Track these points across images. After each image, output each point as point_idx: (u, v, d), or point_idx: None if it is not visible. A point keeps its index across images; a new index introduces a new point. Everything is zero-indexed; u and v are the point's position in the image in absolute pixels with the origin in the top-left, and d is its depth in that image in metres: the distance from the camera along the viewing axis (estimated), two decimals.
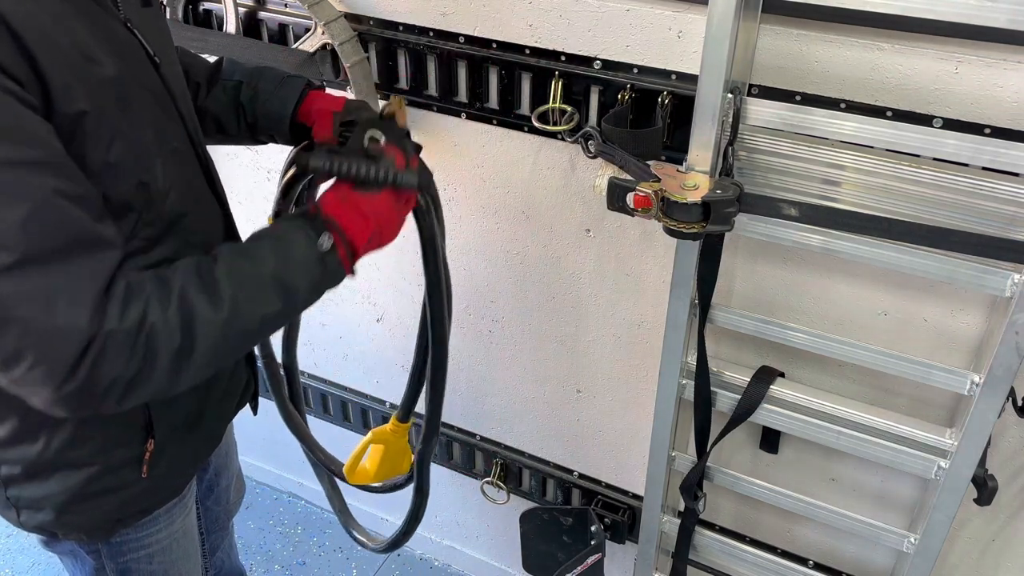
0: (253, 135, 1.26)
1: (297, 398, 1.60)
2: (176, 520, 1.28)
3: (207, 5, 1.71)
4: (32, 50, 0.81)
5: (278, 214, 1.35)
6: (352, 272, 1.05)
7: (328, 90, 1.38)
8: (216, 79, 1.25)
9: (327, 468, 1.55)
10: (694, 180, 1.23)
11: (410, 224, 1.17)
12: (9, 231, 0.79)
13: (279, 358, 1.52)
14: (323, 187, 1.09)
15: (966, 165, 1.17)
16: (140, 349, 0.86)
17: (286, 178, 1.27)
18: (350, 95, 1.54)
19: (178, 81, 1.11)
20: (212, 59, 1.29)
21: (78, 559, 1.23)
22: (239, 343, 0.97)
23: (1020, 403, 1.28)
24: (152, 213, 1.00)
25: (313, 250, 0.99)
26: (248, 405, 1.41)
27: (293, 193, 1.32)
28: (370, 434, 1.41)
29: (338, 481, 1.57)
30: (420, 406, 1.37)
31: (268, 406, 2.34)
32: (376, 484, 1.45)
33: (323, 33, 1.51)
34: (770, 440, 1.60)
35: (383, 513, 2.34)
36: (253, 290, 0.95)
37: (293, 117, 1.21)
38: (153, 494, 1.20)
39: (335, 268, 1.01)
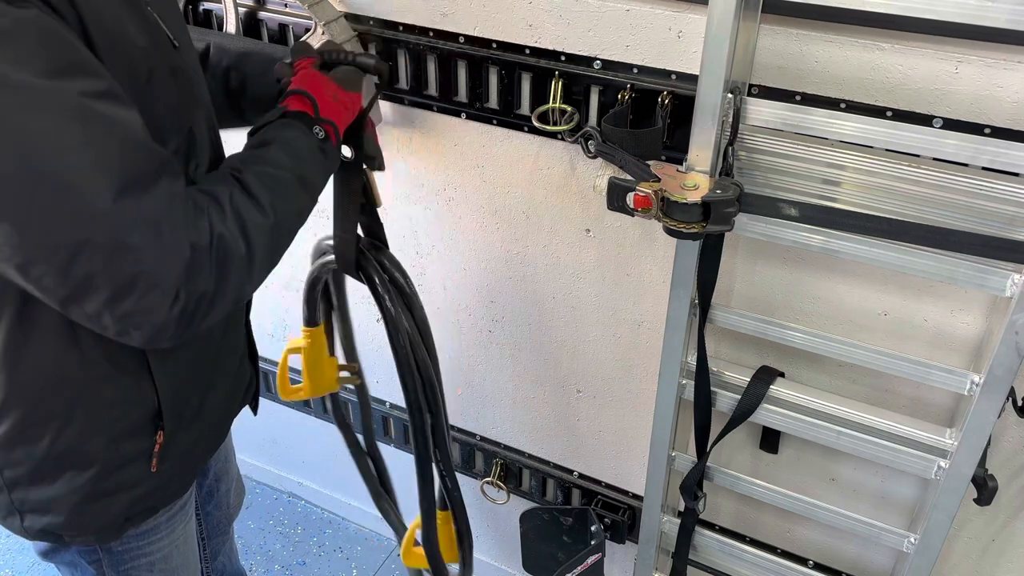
0: (244, 119, 1.28)
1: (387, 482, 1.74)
2: (177, 528, 1.27)
3: (207, 5, 1.71)
4: (85, 19, 0.84)
5: (309, 322, 1.48)
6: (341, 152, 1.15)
7: None
8: (205, 67, 1.26)
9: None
10: (694, 180, 1.23)
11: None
12: (111, 160, 0.82)
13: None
14: None
15: (966, 165, 1.17)
16: (215, 260, 0.90)
17: (309, 275, 1.39)
18: None
19: (195, 66, 1.12)
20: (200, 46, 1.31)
21: (78, 569, 1.22)
22: (286, 241, 1.04)
23: (1020, 403, 1.28)
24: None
25: (315, 142, 1.07)
26: (249, 406, 1.41)
27: (316, 293, 1.43)
28: (286, 346, 1.48)
29: None
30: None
31: (268, 406, 2.35)
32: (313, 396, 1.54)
33: (323, 33, 1.51)
34: (770, 440, 1.60)
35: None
36: (284, 191, 1.01)
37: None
38: (162, 490, 1.19)
39: (332, 152, 1.11)
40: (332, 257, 1.34)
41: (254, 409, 1.42)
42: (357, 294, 1.95)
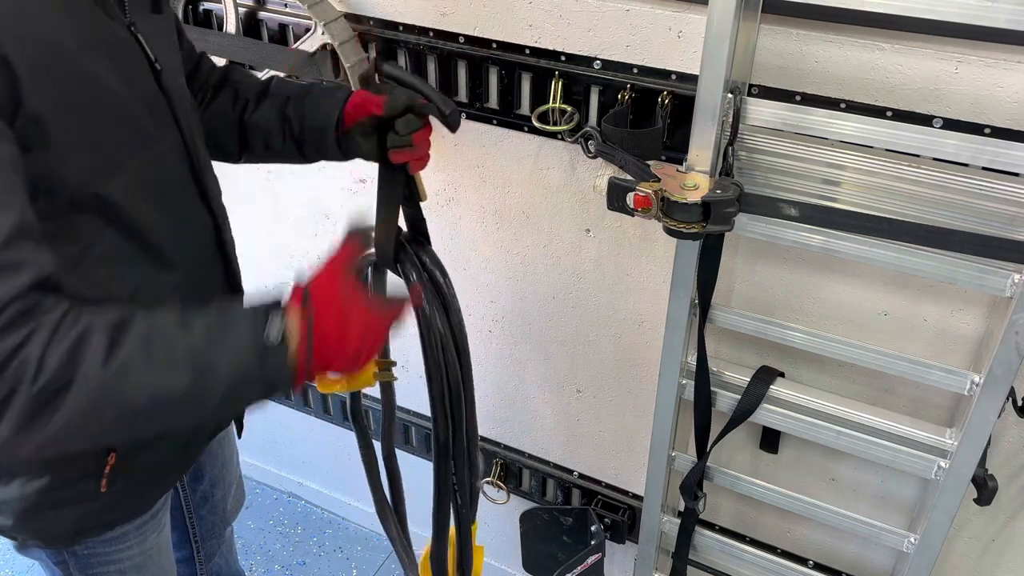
0: (300, 150, 1.23)
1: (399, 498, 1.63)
2: (148, 537, 1.24)
3: (207, 5, 1.71)
4: (4, 45, 0.79)
5: None
6: (300, 383, 0.88)
7: None
8: (265, 95, 1.24)
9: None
10: (694, 180, 1.23)
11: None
12: None
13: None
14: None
15: (966, 165, 1.17)
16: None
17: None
18: None
19: (180, 90, 1.09)
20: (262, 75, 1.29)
21: (47, 568, 1.21)
22: (115, 416, 0.81)
23: (1020, 403, 1.28)
24: (113, 223, 0.96)
25: (256, 339, 0.84)
26: (233, 425, 1.38)
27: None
28: None
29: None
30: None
31: (268, 406, 2.34)
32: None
33: (323, 33, 1.51)
34: (770, 440, 1.60)
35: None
36: (160, 357, 0.81)
37: (339, 127, 1.18)
38: (114, 509, 1.16)
39: (275, 368, 0.84)
40: (373, 250, 1.26)
41: (238, 431, 1.40)
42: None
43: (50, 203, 0.89)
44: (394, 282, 1.30)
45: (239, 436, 1.41)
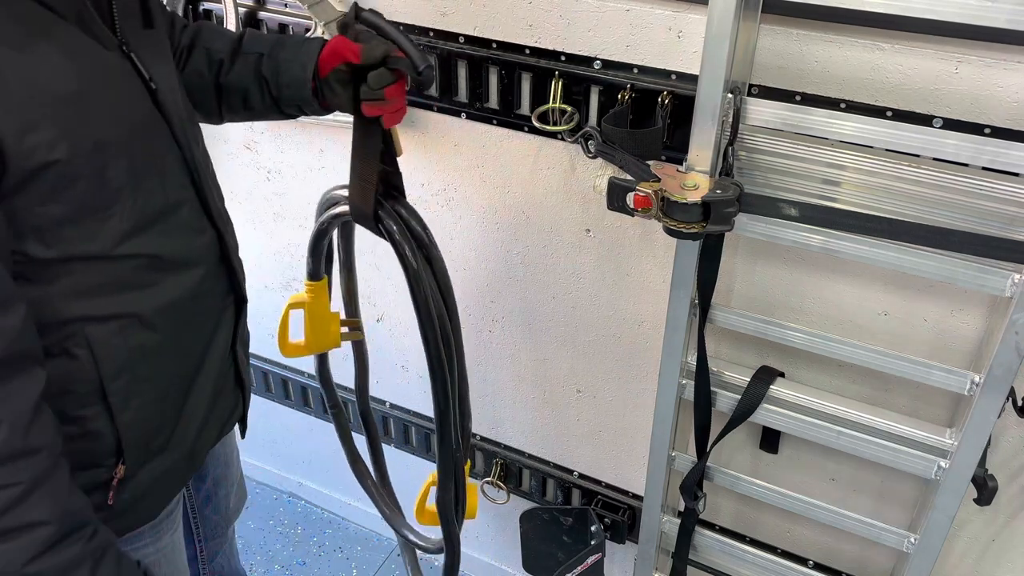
0: (278, 107, 1.23)
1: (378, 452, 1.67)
2: (164, 536, 1.24)
3: (207, 5, 1.71)
4: None
5: (313, 276, 1.39)
6: None
7: None
8: (238, 53, 1.22)
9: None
10: (694, 180, 1.23)
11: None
12: None
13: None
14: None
15: (966, 165, 1.17)
16: None
17: (316, 228, 1.29)
18: None
19: (177, 107, 1.08)
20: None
21: None
22: None
23: (1020, 403, 1.28)
24: (108, 244, 0.97)
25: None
26: (238, 426, 1.38)
27: (322, 247, 1.32)
28: (288, 301, 1.42)
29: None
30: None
31: (268, 406, 2.35)
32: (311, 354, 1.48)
33: (323, 33, 1.51)
34: (770, 440, 1.60)
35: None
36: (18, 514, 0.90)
37: (315, 78, 1.16)
38: (125, 518, 1.15)
39: None
40: (343, 208, 1.26)
41: (242, 432, 1.40)
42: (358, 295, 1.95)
43: (40, 240, 0.91)
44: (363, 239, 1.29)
45: (242, 436, 1.41)
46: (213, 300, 1.18)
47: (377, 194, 1.22)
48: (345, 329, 1.47)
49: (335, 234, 1.40)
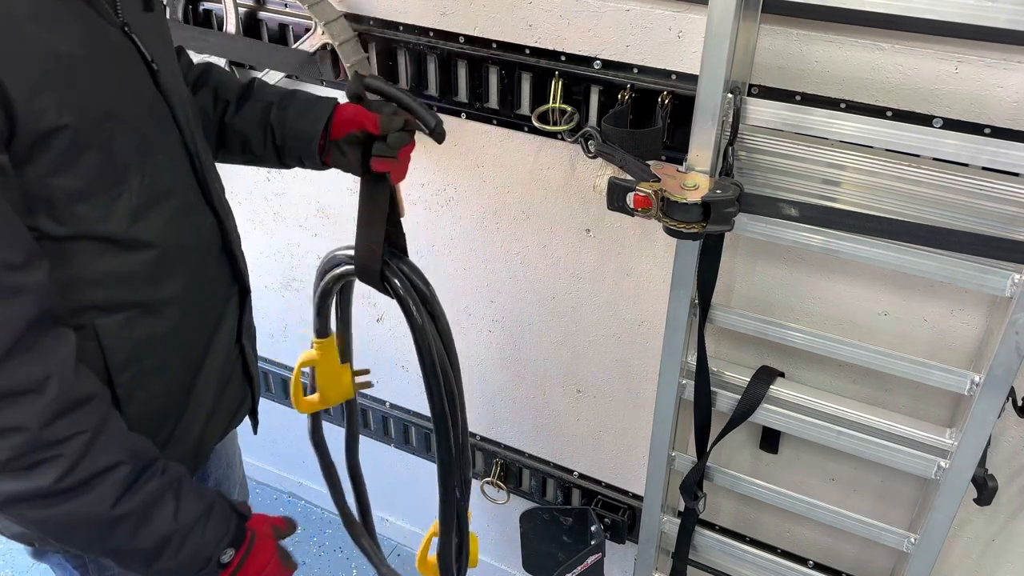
0: (280, 156, 1.25)
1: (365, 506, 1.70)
2: None
3: (207, 5, 1.71)
4: None
5: (320, 333, 1.42)
6: None
7: (330, 91, 1.37)
8: (247, 98, 1.24)
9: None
10: (694, 180, 1.23)
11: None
12: None
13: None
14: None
15: (966, 165, 1.17)
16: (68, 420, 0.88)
17: (320, 288, 1.33)
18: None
19: (178, 90, 1.09)
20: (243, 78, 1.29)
21: (66, 572, 1.20)
22: (83, 535, 0.96)
23: (1020, 403, 1.28)
24: (122, 224, 0.98)
25: (215, 551, 1.03)
26: (248, 421, 1.38)
27: (328, 306, 1.36)
28: (298, 361, 1.45)
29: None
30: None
31: (268, 406, 2.34)
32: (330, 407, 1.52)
33: (323, 33, 1.51)
34: (770, 440, 1.60)
35: (383, 513, 2.34)
36: (141, 521, 0.96)
37: (324, 137, 1.20)
38: None
39: (209, 574, 1.04)
40: (348, 268, 1.30)
41: (254, 427, 1.40)
42: (357, 295, 1.96)
43: (52, 216, 0.91)
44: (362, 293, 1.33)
45: (254, 432, 1.41)
46: (216, 289, 1.18)
47: (383, 254, 1.26)
48: (360, 379, 1.51)
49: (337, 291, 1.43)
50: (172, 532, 0.99)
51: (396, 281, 1.26)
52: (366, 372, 1.52)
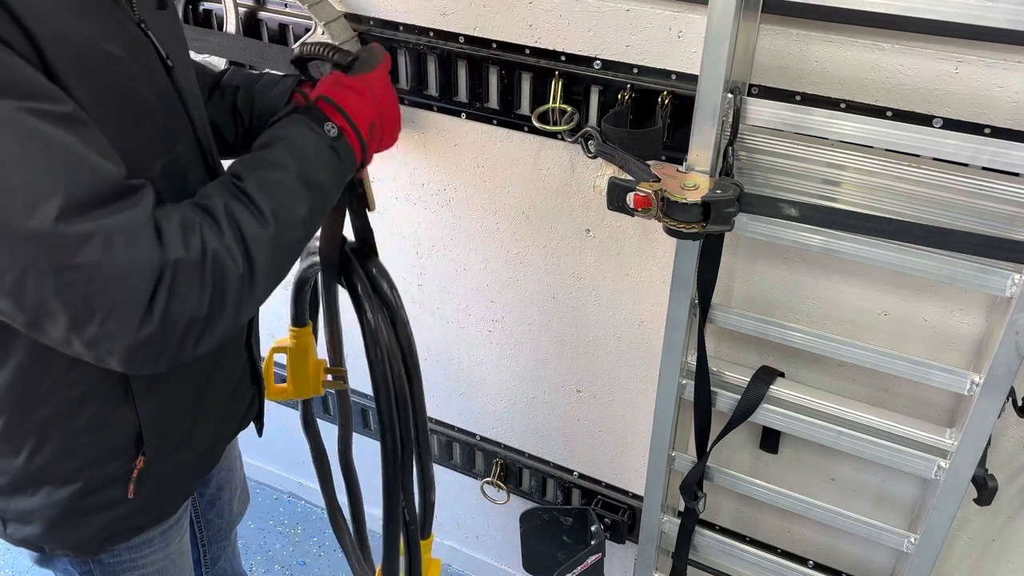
0: (248, 141, 1.22)
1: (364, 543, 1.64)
2: (172, 542, 1.24)
3: (207, 5, 1.71)
4: (40, 43, 0.79)
5: (296, 321, 1.40)
6: (365, 156, 1.05)
7: None
8: (216, 88, 1.23)
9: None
10: (694, 180, 1.23)
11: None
12: (51, 180, 0.76)
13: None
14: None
15: (966, 165, 1.17)
16: (209, 279, 0.84)
17: (297, 276, 1.31)
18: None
19: (191, 87, 1.09)
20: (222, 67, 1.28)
21: None
22: (292, 252, 0.98)
23: (1020, 403, 1.28)
24: None
25: (324, 140, 0.99)
26: (253, 425, 1.38)
27: (304, 294, 1.36)
28: (272, 346, 1.43)
29: None
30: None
31: (268, 406, 2.34)
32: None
33: (323, 33, 1.51)
34: (770, 440, 1.60)
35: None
36: (286, 197, 0.94)
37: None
38: (143, 514, 1.16)
39: (347, 153, 1.01)
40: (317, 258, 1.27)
41: (259, 430, 1.40)
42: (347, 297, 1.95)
43: None
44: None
45: (259, 434, 1.40)
46: None
47: (344, 248, 1.22)
48: (329, 377, 1.47)
49: (317, 281, 1.39)
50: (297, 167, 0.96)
51: (355, 278, 1.21)
52: (342, 372, 1.48)
